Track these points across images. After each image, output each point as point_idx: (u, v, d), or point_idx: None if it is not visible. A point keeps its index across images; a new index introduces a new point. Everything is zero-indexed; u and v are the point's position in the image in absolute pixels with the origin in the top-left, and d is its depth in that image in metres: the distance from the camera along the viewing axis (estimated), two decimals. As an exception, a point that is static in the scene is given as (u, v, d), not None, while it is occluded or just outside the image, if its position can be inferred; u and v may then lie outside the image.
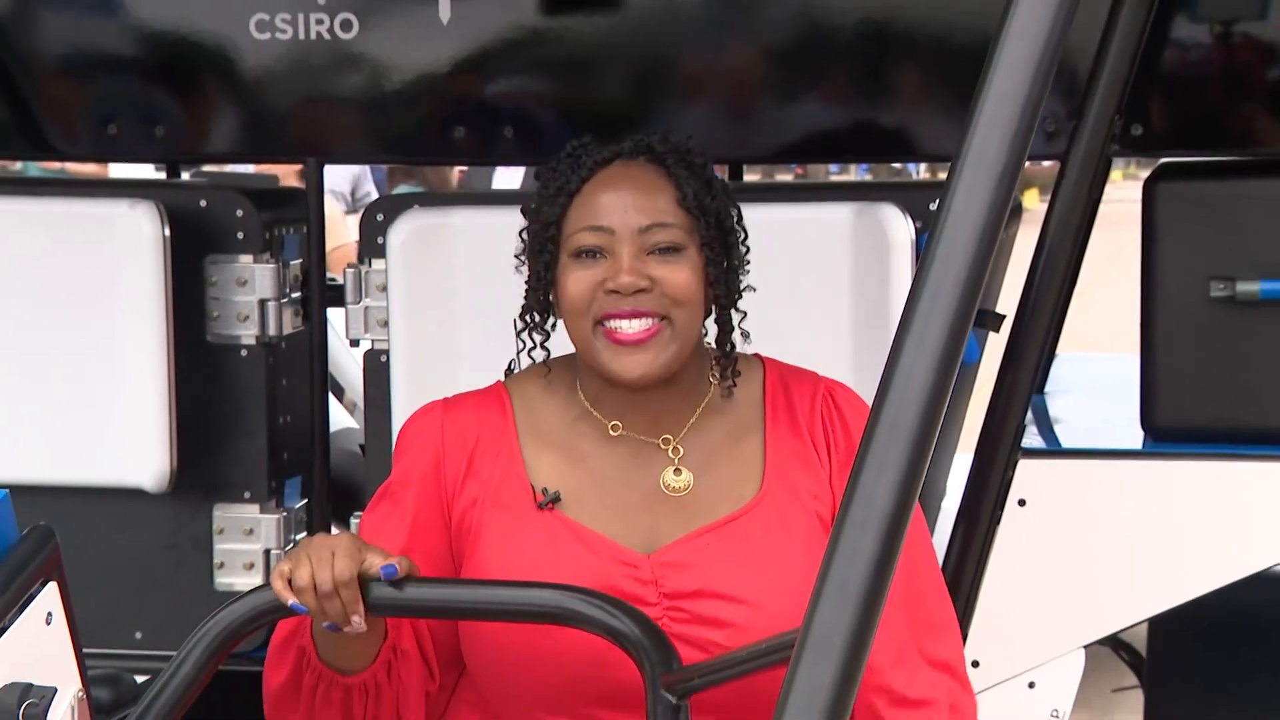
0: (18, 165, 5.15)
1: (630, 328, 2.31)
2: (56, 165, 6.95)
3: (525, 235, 2.43)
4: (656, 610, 2.30)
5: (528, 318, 2.41)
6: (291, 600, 2.17)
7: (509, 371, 2.51)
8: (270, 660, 2.36)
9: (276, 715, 2.39)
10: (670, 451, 2.40)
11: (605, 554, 2.34)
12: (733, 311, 2.40)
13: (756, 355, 2.49)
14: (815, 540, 2.32)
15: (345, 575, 2.15)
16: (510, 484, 2.39)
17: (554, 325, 2.43)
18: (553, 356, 2.45)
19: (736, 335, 2.41)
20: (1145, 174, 3.12)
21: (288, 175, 4.96)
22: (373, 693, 2.32)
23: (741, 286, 2.42)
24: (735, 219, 2.42)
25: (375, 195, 6.51)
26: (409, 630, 2.36)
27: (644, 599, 2.30)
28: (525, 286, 2.43)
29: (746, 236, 2.44)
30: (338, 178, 6.39)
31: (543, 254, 2.37)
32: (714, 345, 2.42)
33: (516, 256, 2.46)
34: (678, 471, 2.39)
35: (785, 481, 2.39)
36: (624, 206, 2.33)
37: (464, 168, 6.79)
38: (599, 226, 2.33)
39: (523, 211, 2.45)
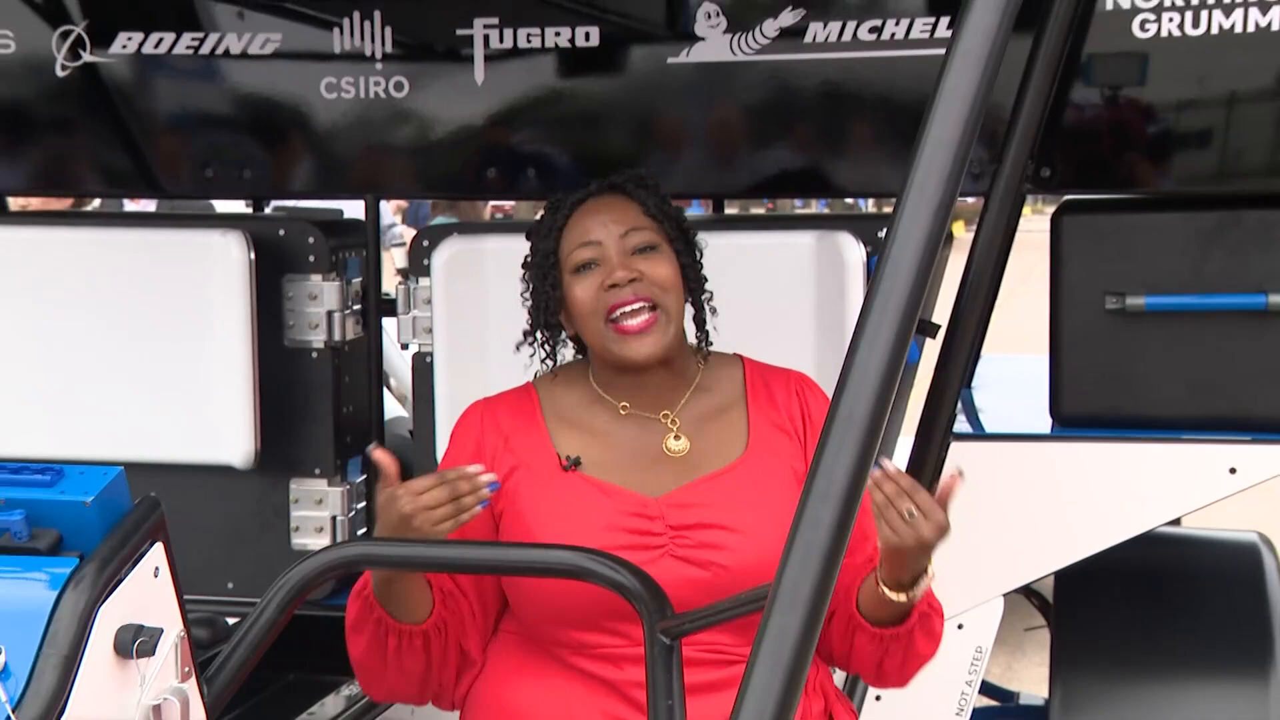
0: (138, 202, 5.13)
1: (634, 321, 2.32)
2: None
3: (528, 266, 2.45)
4: (664, 539, 2.32)
5: (538, 334, 2.43)
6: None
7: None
8: (350, 640, 2.36)
9: (369, 682, 2.40)
10: (669, 423, 2.41)
11: (620, 500, 2.35)
12: (703, 299, 2.44)
13: (737, 355, 2.51)
14: (791, 487, 2.34)
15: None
16: (540, 455, 2.40)
17: (560, 339, 2.44)
18: (563, 363, 2.47)
19: (707, 313, 2.44)
20: (1050, 209, 3.13)
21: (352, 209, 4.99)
22: (442, 630, 2.34)
23: (706, 282, 2.44)
24: (690, 224, 2.45)
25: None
26: (446, 577, 2.36)
27: (653, 531, 2.32)
28: (529, 316, 2.45)
29: (697, 241, 2.45)
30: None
31: (546, 279, 2.39)
32: (694, 330, 2.44)
33: (523, 280, 2.47)
34: (676, 438, 2.40)
35: (766, 445, 2.41)
36: (604, 223, 2.36)
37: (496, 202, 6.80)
38: (588, 242, 2.36)
39: (527, 236, 2.47)
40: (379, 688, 2.42)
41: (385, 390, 3.66)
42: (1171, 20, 2.93)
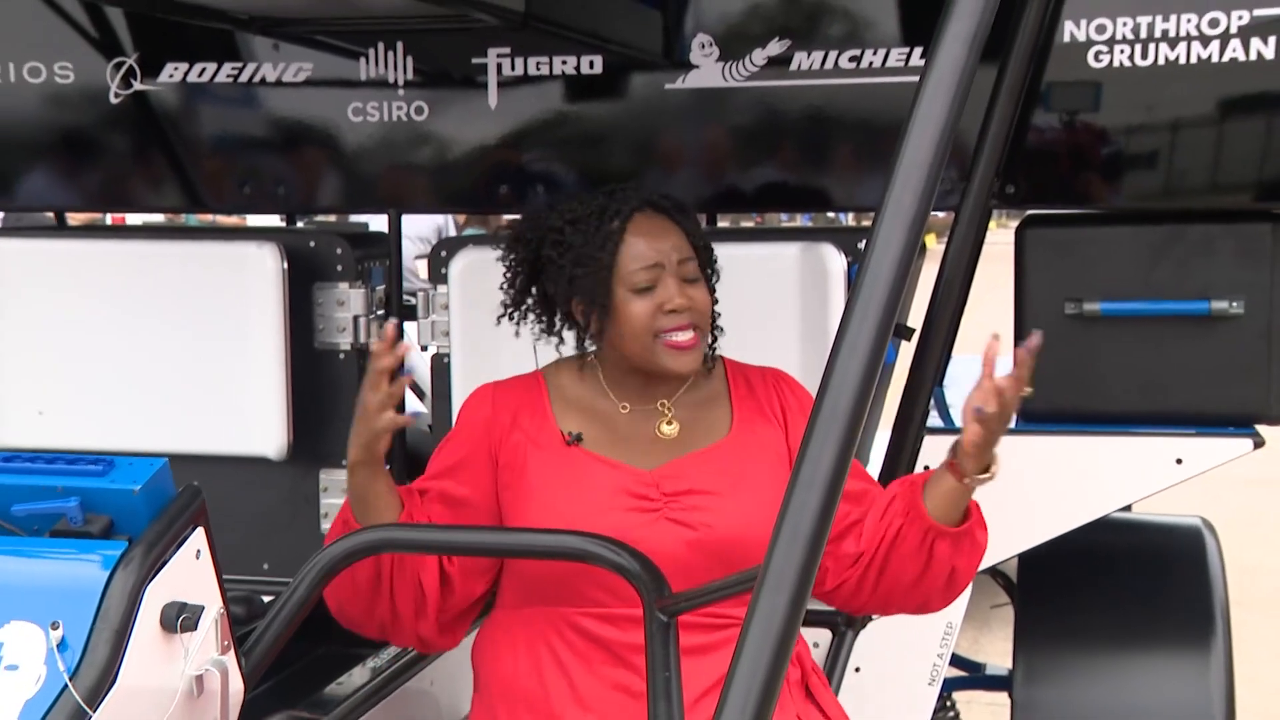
0: (181, 217, 5.13)
1: (683, 338, 2.34)
2: (208, 216, 7.00)
3: (556, 271, 2.39)
4: (659, 504, 2.33)
5: (551, 327, 2.44)
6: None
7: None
8: (329, 535, 2.36)
9: (336, 599, 2.36)
10: (664, 410, 2.42)
11: (619, 472, 2.36)
12: (716, 317, 2.45)
13: (719, 356, 2.51)
14: (769, 463, 2.37)
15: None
16: (545, 432, 2.40)
17: (571, 339, 2.43)
18: (569, 356, 2.46)
19: (717, 330, 2.45)
20: (1014, 224, 3.12)
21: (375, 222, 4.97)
22: (396, 558, 2.32)
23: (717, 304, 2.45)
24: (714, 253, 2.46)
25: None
26: (420, 511, 2.36)
27: (650, 497, 2.33)
28: (541, 318, 2.44)
29: (716, 260, 2.46)
30: (424, 229, 6.30)
31: (596, 290, 2.33)
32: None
33: (508, 275, 2.45)
34: (669, 424, 2.41)
35: (747, 428, 2.42)
36: (664, 249, 2.35)
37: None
38: (653, 265, 2.34)
39: (517, 240, 2.45)
40: (347, 606, 2.38)
41: (407, 389, 3.65)
42: (1122, 52, 2.93)
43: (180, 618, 1.96)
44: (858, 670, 2.96)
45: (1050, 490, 2.99)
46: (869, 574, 2.32)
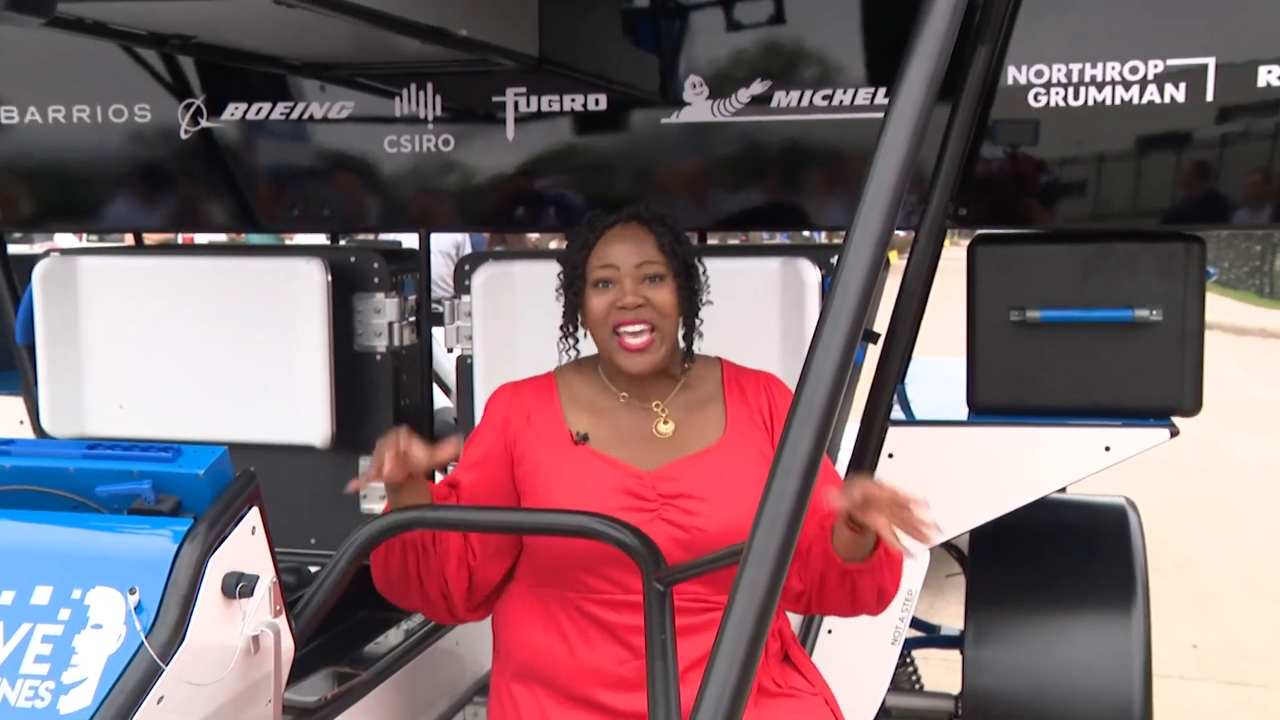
0: (242, 236, 5.12)
1: (635, 340, 2.30)
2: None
3: (561, 276, 2.41)
4: (655, 505, 2.29)
5: (566, 329, 2.40)
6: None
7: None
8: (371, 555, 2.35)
9: (374, 561, 2.36)
10: (659, 410, 2.38)
11: (620, 471, 2.32)
12: (695, 320, 2.39)
13: (718, 358, 2.47)
14: (757, 467, 2.31)
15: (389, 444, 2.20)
16: (555, 431, 2.37)
17: (583, 335, 2.40)
18: (581, 357, 2.43)
19: (695, 332, 2.39)
20: (966, 242, 3.10)
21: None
22: (421, 552, 2.31)
23: (701, 306, 2.39)
24: (697, 259, 2.40)
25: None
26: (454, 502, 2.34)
27: (646, 498, 2.29)
28: (562, 311, 2.41)
29: (705, 270, 2.41)
30: (445, 245, 6.29)
31: (573, 286, 2.36)
32: (683, 342, 2.40)
33: (556, 291, 2.43)
34: (665, 423, 2.37)
35: (739, 432, 2.37)
36: (624, 251, 2.32)
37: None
38: (608, 264, 2.32)
39: (559, 259, 2.43)
40: (386, 587, 2.39)
41: (434, 385, 3.63)
42: (1058, 94, 2.92)
43: (239, 585, 1.96)
44: (830, 632, 2.94)
45: (997, 474, 2.97)
46: (812, 604, 2.31)
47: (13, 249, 3.72)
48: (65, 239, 8.92)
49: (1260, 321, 17.85)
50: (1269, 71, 2.81)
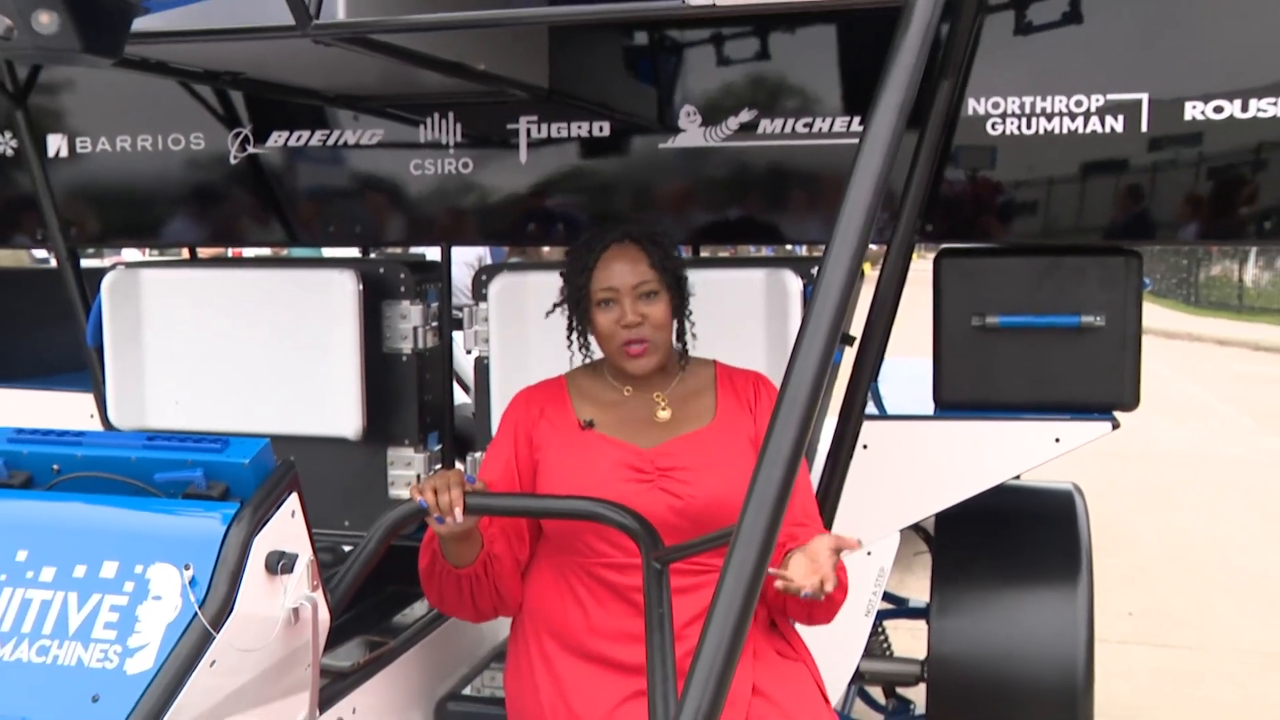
0: (284, 250, 5.11)
1: (636, 349, 2.32)
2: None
3: (564, 290, 2.40)
4: (653, 476, 2.29)
5: (578, 340, 2.40)
6: (419, 499, 2.14)
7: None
8: (421, 556, 2.34)
9: (427, 588, 2.37)
10: (659, 400, 2.38)
11: (623, 450, 2.32)
12: (686, 322, 2.39)
13: (713, 360, 2.48)
14: (744, 446, 2.33)
15: (451, 484, 2.15)
16: (565, 420, 2.38)
17: (588, 341, 2.40)
18: (589, 361, 2.43)
19: (688, 336, 2.40)
20: (932, 255, 3.10)
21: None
22: (475, 580, 2.31)
23: (690, 313, 2.40)
24: (684, 271, 2.40)
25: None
26: (501, 542, 2.33)
27: (645, 470, 2.30)
28: (566, 321, 2.41)
29: (690, 282, 2.41)
30: (469, 256, 6.26)
31: (580, 305, 2.35)
32: (677, 342, 2.40)
33: (556, 303, 2.43)
34: (663, 410, 2.37)
35: (727, 417, 2.38)
36: (621, 272, 2.32)
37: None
38: (609, 287, 2.32)
39: (561, 275, 2.42)
40: (440, 606, 2.40)
41: (455, 384, 3.62)
42: (1012, 124, 2.92)
43: (280, 563, 1.96)
44: (808, 602, 2.93)
45: (959, 463, 2.97)
46: (776, 614, 2.33)
47: (84, 263, 3.74)
48: (130, 253, 8.90)
49: (1187, 327, 17.88)
50: (1194, 106, 2.83)
